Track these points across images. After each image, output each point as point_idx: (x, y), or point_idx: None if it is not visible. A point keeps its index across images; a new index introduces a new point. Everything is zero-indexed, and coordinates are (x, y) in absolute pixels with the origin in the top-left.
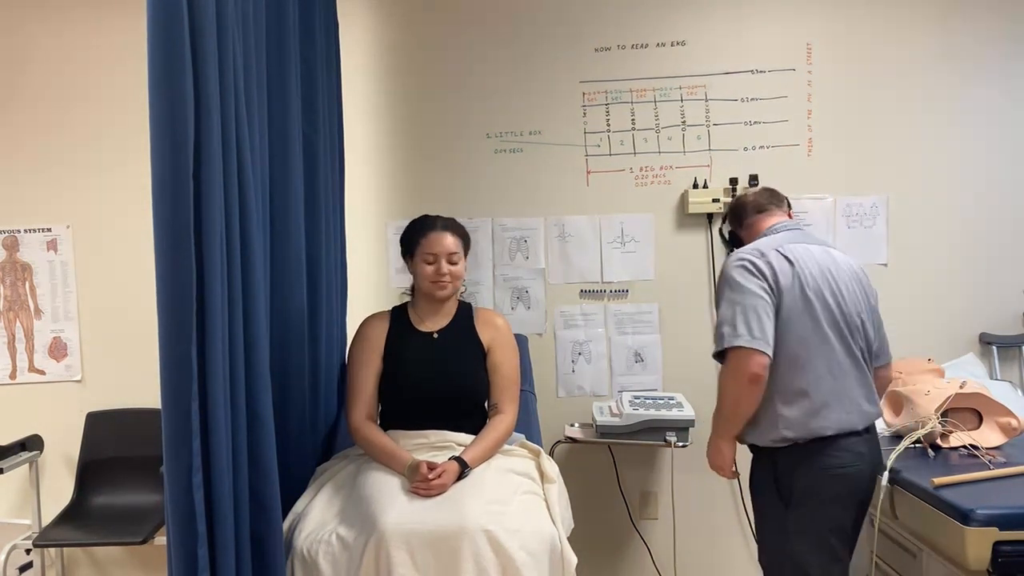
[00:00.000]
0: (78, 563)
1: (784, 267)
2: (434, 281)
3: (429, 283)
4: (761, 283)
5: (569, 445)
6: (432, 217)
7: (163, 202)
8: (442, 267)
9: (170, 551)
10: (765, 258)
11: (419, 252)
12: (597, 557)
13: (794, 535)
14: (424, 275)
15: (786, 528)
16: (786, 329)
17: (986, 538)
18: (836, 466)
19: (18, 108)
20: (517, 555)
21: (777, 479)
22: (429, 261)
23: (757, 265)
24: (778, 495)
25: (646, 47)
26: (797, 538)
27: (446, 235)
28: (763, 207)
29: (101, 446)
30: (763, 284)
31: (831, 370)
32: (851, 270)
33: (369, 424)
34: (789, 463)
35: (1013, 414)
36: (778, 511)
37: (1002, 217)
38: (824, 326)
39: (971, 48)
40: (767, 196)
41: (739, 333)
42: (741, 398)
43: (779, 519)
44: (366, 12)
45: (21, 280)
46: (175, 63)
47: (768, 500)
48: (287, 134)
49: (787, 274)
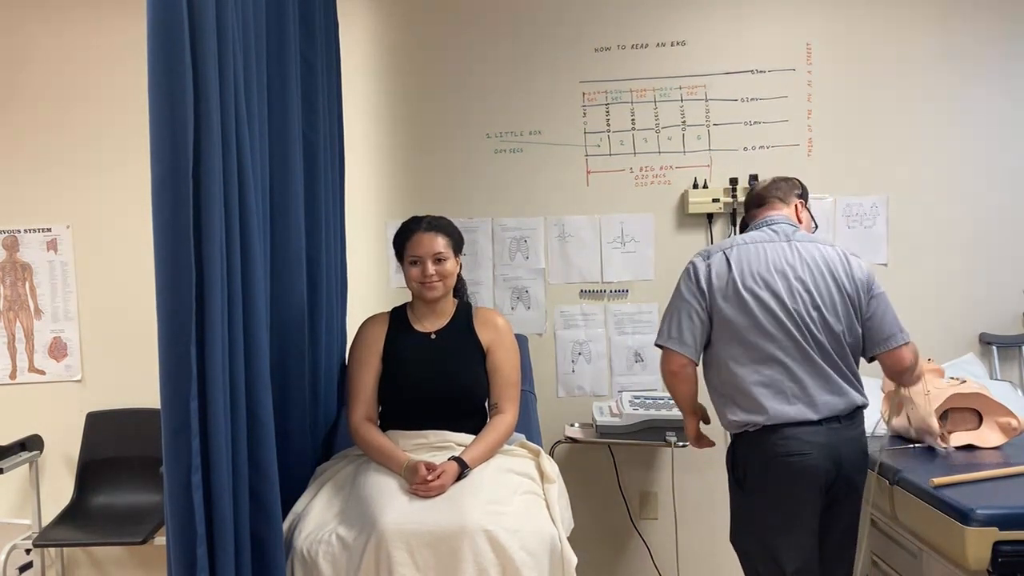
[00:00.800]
0: (78, 563)
1: (722, 269)
2: (421, 283)
3: (417, 285)
4: (693, 287)
5: (569, 445)
6: (418, 218)
7: (163, 202)
8: (427, 268)
9: (169, 551)
10: (707, 260)
11: (405, 255)
12: (597, 557)
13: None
14: (411, 278)
15: (744, 512)
16: (723, 328)
17: (986, 538)
18: (783, 454)
19: (18, 108)
20: (517, 555)
21: (735, 464)
22: (413, 263)
23: (697, 269)
24: (735, 479)
25: (646, 47)
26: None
27: (430, 235)
28: (764, 200)
29: (101, 446)
30: (695, 288)
31: (771, 363)
32: (824, 263)
33: (368, 425)
34: (743, 449)
35: (1013, 414)
36: (737, 495)
37: (1002, 217)
38: (763, 323)
39: (971, 48)
40: (772, 188)
41: (661, 332)
42: (670, 387)
43: (739, 502)
44: (366, 12)
45: (21, 280)
46: (175, 63)
47: (730, 483)
48: (287, 134)
49: (722, 276)
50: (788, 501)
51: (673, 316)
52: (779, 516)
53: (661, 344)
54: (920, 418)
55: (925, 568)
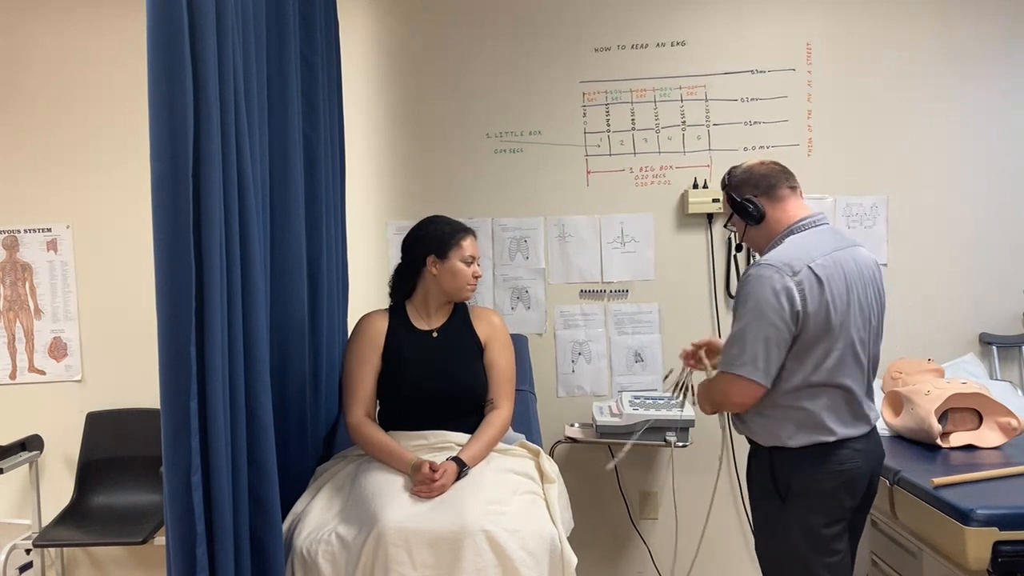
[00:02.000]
0: (78, 563)
1: (814, 291)
2: (471, 283)
3: (465, 284)
4: (786, 312)
5: (569, 445)
6: (452, 220)
7: (163, 202)
8: (477, 269)
9: (169, 551)
10: (797, 278)
11: (456, 252)
12: (597, 557)
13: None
14: (463, 276)
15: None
16: (803, 352)
17: (986, 538)
18: (836, 464)
19: (18, 108)
20: (517, 555)
21: (775, 477)
22: (468, 263)
23: (788, 289)
24: (775, 490)
25: (646, 47)
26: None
27: (474, 239)
28: (793, 184)
29: (101, 446)
30: (787, 313)
31: (841, 388)
32: (870, 274)
33: (368, 422)
34: (792, 462)
35: (1013, 414)
36: (773, 505)
37: (1002, 217)
38: (842, 351)
39: (971, 48)
40: (786, 173)
41: (737, 359)
42: (722, 409)
43: (775, 514)
44: (366, 12)
45: (21, 280)
46: (175, 63)
47: (762, 495)
48: (287, 134)
49: (815, 299)
50: (837, 509)
51: (757, 342)
52: (825, 523)
53: (742, 374)
54: (920, 418)
55: (925, 568)
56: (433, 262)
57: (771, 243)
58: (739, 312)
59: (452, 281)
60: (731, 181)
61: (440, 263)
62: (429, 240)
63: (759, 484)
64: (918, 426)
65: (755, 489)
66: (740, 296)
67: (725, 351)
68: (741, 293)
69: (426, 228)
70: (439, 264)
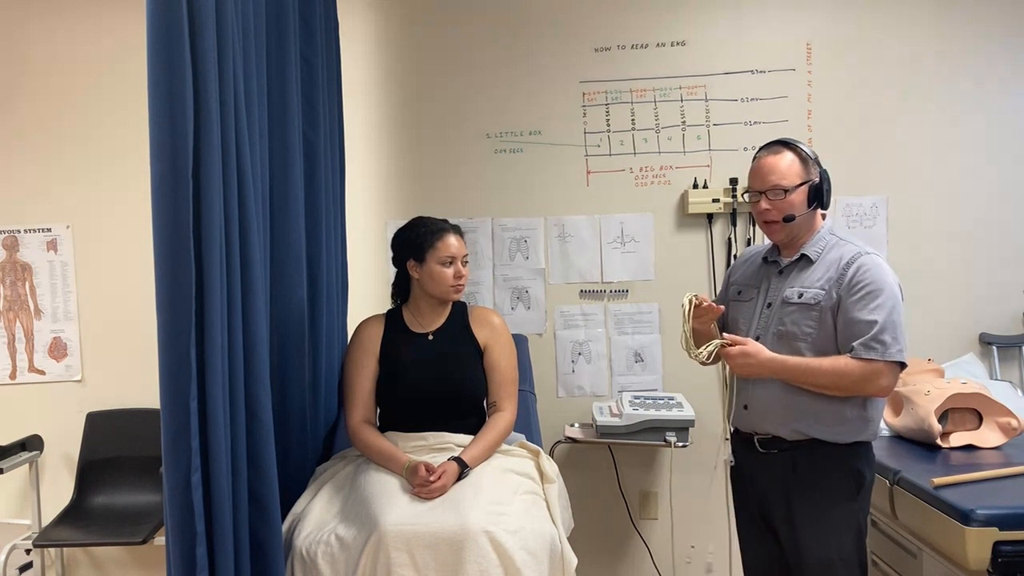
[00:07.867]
0: (78, 563)
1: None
2: (453, 284)
3: (447, 286)
4: (899, 294)
5: (569, 445)
6: (436, 219)
7: (163, 202)
8: (460, 269)
9: (169, 551)
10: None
11: (432, 255)
12: (597, 557)
13: (863, 524)
14: (443, 278)
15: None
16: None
17: (986, 538)
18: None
19: (18, 108)
20: (517, 555)
21: (860, 472)
22: (447, 263)
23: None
24: (855, 487)
25: (646, 47)
26: (864, 526)
27: (458, 238)
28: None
29: (101, 446)
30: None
31: None
32: None
33: (366, 427)
34: (863, 454)
35: (1013, 414)
36: (853, 502)
37: (1002, 217)
38: None
39: (971, 48)
40: None
41: (902, 348)
42: (859, 395)
43: (855, 511)
44: (366, 12)
45: (21, 280)
46: (175, 63)
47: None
48: (287, 134)
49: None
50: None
51: (902, 328)
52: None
53: (904, 361)
54: (920, 418)
55: (925, 568)
56: (413, 267)
57: (815, 235)
58: (869, 299)
59: (434, 284)
60: (816, 158)
61: (419, 267)
62: (406, 245)
63: (837, 484)
64: (918, 426)
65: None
66: (865, 283)
67: (875, 337)
68: (864, 280)
69: (405, 232)
70: (419, 268)
